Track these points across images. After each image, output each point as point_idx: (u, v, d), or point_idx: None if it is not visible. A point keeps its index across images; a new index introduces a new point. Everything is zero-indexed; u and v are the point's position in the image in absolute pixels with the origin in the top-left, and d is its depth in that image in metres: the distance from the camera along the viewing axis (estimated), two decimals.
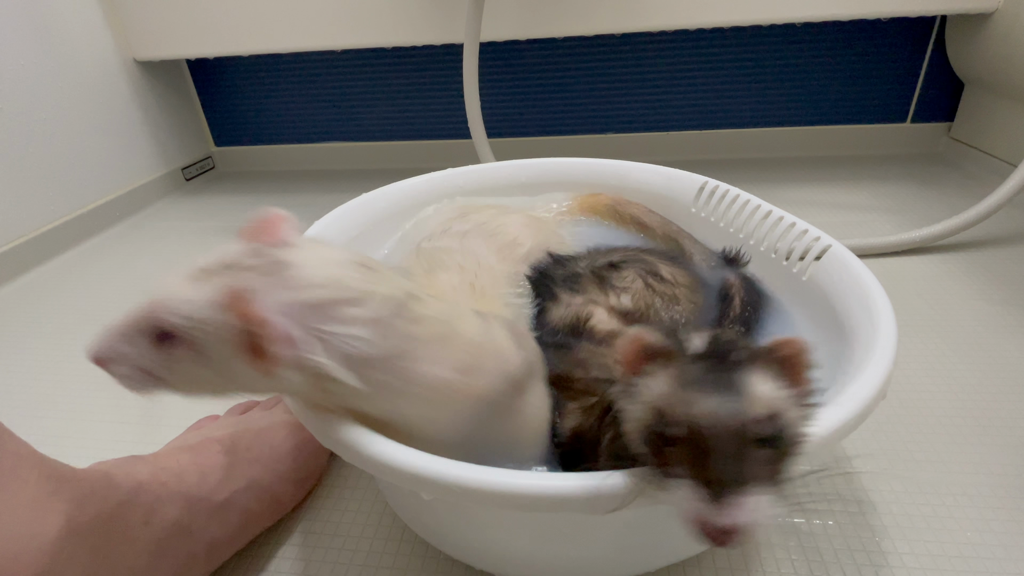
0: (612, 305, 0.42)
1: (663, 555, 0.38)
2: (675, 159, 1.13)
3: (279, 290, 0.25)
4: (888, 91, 1.09)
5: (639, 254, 0.49)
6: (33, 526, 0.28)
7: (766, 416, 0.24)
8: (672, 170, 0.62)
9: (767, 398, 0.24)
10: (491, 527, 0.34)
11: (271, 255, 0.26)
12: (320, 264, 0.27)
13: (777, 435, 0.24)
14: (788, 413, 0.24)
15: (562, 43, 1.11)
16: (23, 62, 0.90)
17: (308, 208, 1.08)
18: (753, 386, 0.24)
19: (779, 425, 0.24)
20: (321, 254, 0.28)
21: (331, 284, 0.26)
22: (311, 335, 0.25)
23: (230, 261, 0.26)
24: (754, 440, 0.23)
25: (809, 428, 0.25)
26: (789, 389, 0.25)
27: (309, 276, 0.26)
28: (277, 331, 0.24)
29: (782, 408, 0.24)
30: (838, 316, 0.40)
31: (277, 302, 0.25)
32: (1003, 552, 0.39)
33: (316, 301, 0.26)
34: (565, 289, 0.45)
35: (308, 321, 0.25)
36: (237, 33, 1.05)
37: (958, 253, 0.76)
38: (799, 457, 0.25)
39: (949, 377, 0.55)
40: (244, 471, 0.40)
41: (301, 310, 0.25)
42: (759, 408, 0.24)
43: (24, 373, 0.66)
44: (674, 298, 0.44)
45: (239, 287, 0.25)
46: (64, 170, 0.97)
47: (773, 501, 0.23)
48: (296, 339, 0.25)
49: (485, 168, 0.66)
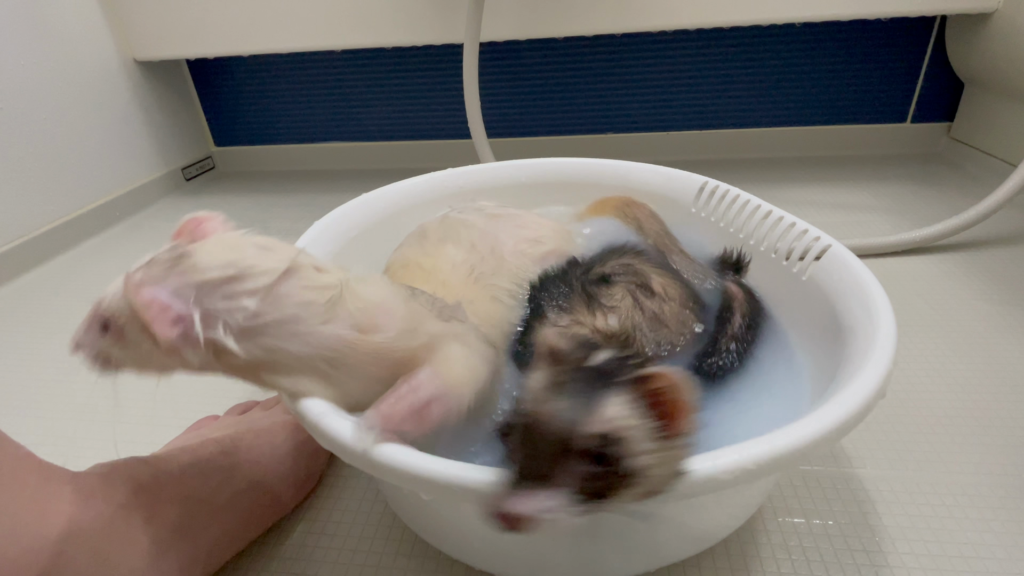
0: (598, 327, 0.42)
1: (663, 555, 0.38)
2: (675, 159, 1.13)
3: (175, 277, 0.29)
4: (888, 91, 1.09)
5: (634, 263, 0.48)
6: (33, 529, 0.28)
7: (596, 434, 0.24)
8: (672, 170, 0.62)
9: (606, 419, 0.24)
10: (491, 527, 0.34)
11: (179, 249, 0.30)
12: (214, 251, 0.31)
13: (604, 455, 0.24)
14: (630, 441, 0.24)
15: (562, 43, 1.11)
16: (23, 62, 0.90)
17: (308, 208, 1.08)
18: (603, 405, 0.25)
19: (610, 447, 0.24)
20: (220, 242, 0.31)
21: (219, 266, 0.30)
22: (204, 313, 0.29)
23: (151, 257, 0.30)
24: (579, 451, 0.24)
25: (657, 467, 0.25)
26: (643, 420, 0.25)
27: (202, 262, 0.30)
28: (158, 313, 0.28)
29: (620, 433, 0.24)
30: (838, 316, 0.40)
31: (172, 287, 0.29)
32: (1003, 552, 0.39)
33: (204, 281, 0.29)
34: (553, 308, 0.45)
35: (201, 301, 0.29)
36: (237, 33, 1.05)
37: (958, 253, 0.76)
38: (635, 488, 0.25)
39: (949, 377, 0.55)
40: (245, 473, 0.40)
41: (193, 291, 0.29)
42: (593, 425, 0.24)
43: (24, 373, 0.66)
44: (660, 316, 0.44)
45: (133, 278, 0.29)
46: (64, 170, 0.97)
47: (569, 507, 0.24)
48: (183, 316, 0.29)
49: (485, 168, 0.66)
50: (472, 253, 0.48)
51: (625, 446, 0.24)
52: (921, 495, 0.44)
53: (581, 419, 0.24)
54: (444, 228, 0.51)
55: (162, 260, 0.30)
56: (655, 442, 0.25)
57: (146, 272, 0.30)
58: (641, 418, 0.25)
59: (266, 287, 0.30)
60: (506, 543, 0.35)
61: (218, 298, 0.29)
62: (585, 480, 0.24)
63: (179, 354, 0.30)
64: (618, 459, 0.24)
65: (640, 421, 0.25)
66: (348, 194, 0.58)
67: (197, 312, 0.29)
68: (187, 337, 0.29)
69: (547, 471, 0.24)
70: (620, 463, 0.24)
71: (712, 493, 0.27)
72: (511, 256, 0.50)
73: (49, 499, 0.29)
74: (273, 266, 0.31)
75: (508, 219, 0.54)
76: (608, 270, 0.47)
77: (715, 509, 0.36)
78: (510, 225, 0.54)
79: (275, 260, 0.31)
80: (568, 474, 0.24)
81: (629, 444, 0.24)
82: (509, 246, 0.51)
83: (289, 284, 0.31)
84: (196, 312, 0.29)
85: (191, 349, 0.29)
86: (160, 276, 0.29)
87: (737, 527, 0.41)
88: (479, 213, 0.54)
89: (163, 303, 0.28)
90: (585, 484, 0.24)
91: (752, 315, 0.46)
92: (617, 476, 0.25)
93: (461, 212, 0.54)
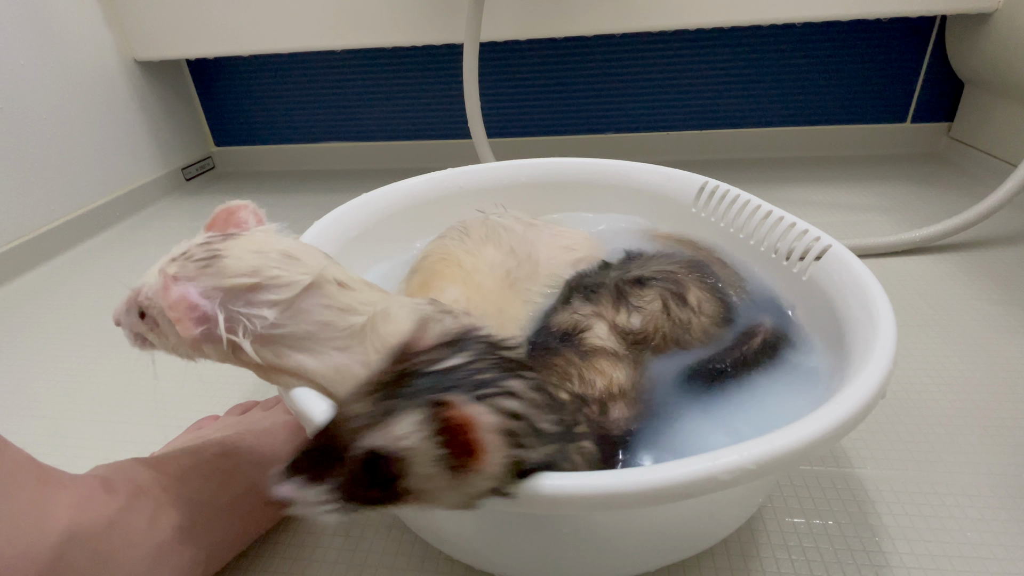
0: (617, 323, 0.42)
1: (663, 555, 0.38)
2: (675, 159, 1.13)
3: (208, 277, 0.31)
4: (888, 91, 1.09)
5: (675, 271, 0.48)
6: (31, 532, 0.28)
7: (374, 448, 0.24)
8: (672, 170, 0.62)
9: (393, 435, 0.24)
10: (491, 527, 0.34)
11: (212, 247, 0.32)
12: (245, 254, 0.32)
13: (378, 469, 0.24)
14: (408, 462, 0.24)
15: (562, 43, 1.11)
16: (23, 62, 0.90)
17: (308, 208, 1.08)
18: (396, 420, 0.25)
19: (386, 462, 0.24)
20: (251, 244, 0.33)
21: (246, 272, 0.31)
22: (227, 316, 0.31)
23: (186, 251, 0.32)
24: (354, 459, 0.24)
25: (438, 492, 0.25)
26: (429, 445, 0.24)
27: (231, 266, 0.31)
28: (185, 312, 0.30)
29: (400, 453, 0.24)
30: (838, 316, 0.40)
31: (204, 287, 0.31)
32: (1003, 552, 0.39)
33: (231, 287, 0.31)
34: (580, 297, 0.45)
35: (227, 303, 0.31)
36: (237, 33, 1.05)
37: (958, 253, 0.76)
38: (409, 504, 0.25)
39: (949, 377, 0.55)
40: (246, 474, 0.40)
41: (220, 294, 0.31)
42: (377, 438, 0.24)
43: (24, 373, 0.66)
44: (687, 327, 0.44)
45: (167, 275, 0.30)
46: (64, 170, 0.97)
47: (329, 507, 0.25)
48: (209, 316, 0.30)
49: (485, 168, 0.66)
50: (510, 257, 0.49)
51: (401, 466, 0.24)
52: (921, 495, 0.44)
53: (370, 429, 0.25)
54: (487, 229, 0.52)
55: (196, 256, 0.31)
56: (437, 468, 0.25)
57: (180, 267, 0.31)
58: (427, 442, 0.24)
59: (287, 300, 0.32)
60: (506, 543, 0.35)
61: (241, 303, 0.31)
62: (354, 487, 0.25)
63: (200, 348, 0.32)
64: (393, 476, 0.24)
65: (425, 445, 0.24)
66: (348, 194, 0.58)
67: (222, 314, 0.31)
68: (210, 335, 0.31)
69: (322, 468, 0.25)
70: (395, 481, 0.25)
71: (712, 493, 0.27)
72: (546, 262, 0.51)
73: (47, 503, 0.29)
74: (296, 279, 0.32)
75: (544, 228, 0.56)
76: (648, 273, 0.47)
77: (715, 509, 0.36)
78: (546, 233, 0.55)
79: (299, 272, 0.32)
80: (339, 476, 0.25)
81: (406, 465, 0.24)
82: (544, 253, 0.52)
83: (310, 300, 0.32)
84: (221, 314, 0.31)
85: (212, 346, 0.31)
86: (192, 274, 0.31)
87: (737, 527, 0.41)
88: (518, 220, 0.55)
89: (191, 302, 0.30)
90: (354, 491, 0.25)
91: (774, 344, 0.45)
92: (387, 491, 0.25)
93: (501, 217, 0.55)
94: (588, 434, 0.31)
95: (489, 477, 0.25)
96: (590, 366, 0.39)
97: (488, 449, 0.24)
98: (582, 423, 0.32)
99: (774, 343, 0.44)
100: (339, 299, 0.33)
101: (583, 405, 0.36)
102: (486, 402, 0.25)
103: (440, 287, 0.46)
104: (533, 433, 0.27)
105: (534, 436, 0.27)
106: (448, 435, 0.24)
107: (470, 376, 0.26)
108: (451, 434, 0.24)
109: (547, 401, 0.28)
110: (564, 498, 0.26)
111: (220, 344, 0.31)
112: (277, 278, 0.31)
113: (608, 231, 0.62)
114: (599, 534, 0.32)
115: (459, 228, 0.54)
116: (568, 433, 0.29)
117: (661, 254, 0.52)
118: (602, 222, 0.64)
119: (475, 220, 0.55)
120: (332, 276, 0.34)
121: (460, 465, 0.25)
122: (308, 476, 0.25)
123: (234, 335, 0.31)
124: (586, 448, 0.31)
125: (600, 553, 0.34)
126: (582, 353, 0.40)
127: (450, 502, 0.26)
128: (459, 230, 0.53)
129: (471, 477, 0.25)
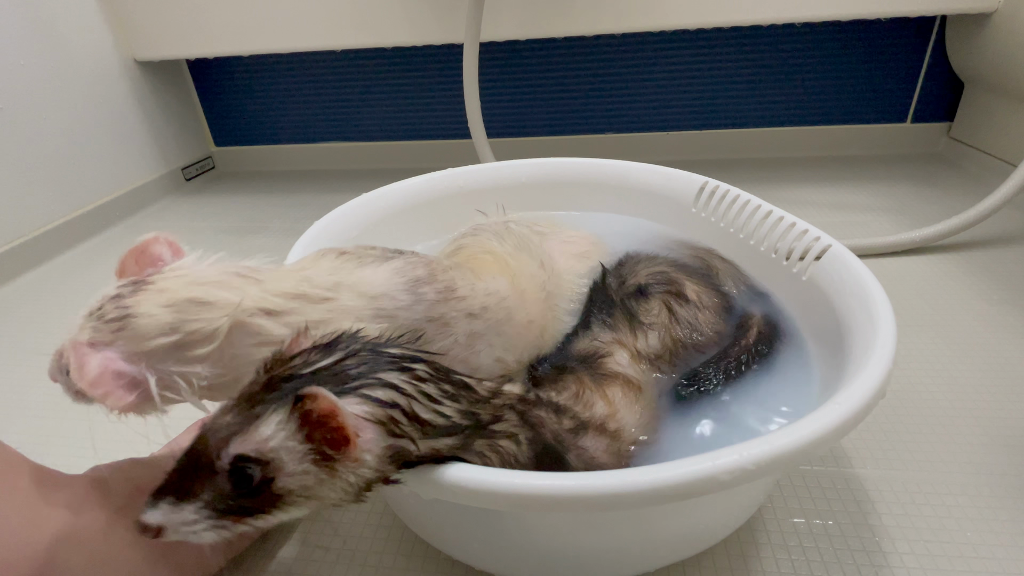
0: (639, 349, 0.42)
1: (662, 554, 0.38)
2: (675, 159, 1.13)
3: (125, 342, 0.29)
4: (888, 91, 1.09)
5: (669, 271, 0.48)
6: (25, 534, 0.28)
7: (240, 454, 0.24)
8: (672, 170, 0.62)
9: (259, 439, 0.24)
10: (491, 527, 0.34)
11: (123, 302, 0.29)
12: (157, 311, 0.29)
13: (249, 475, 0.24)
14: (277, 463, 0.24)
15: (562, 43, 1.11)
16: (23, 62, 0.90)
17: (308, 208, 1.08)
18: (260, 424, 0.24)
19: (256, 467, 0.24)
20: (160, 298, 0.30)
21: (162, 331, 0.29)
22: (161, 375, 0.29)
23: (100, 307, 0.29)
24: (223, 469, 0.24)
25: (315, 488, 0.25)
26: (296, 442, 0.24)
27: (143, 327, 0.29)
28: (111, 383, 0.28)
29: (268, 455, 0.24)
30: (838, 316, 0.40)
31: (126, 353, 0.29)
32: (1003, 552, 0.39)
33: (151, 350, 0.29)
34: (599, 321, 0.45)
35: (154, 364, 0.29)
36: (237, 33, 1.05)
37: (958, 253, 0.76)
38: (290, 508, 0.25)
39: (949, 377, 0.55)
40: None
41: (143, 358, 0.29)
42: (243, 445, 0.24)
43: (25, 373, 0.66)
44: (695, 325, 0.44)
45: (79, 347, 0.28)
46: (64, 170, 0.97)
47: (203, 525, 0.24)
48: (139, 381, 0.28)
49: (485, 168, 0.66)
50: (541, 270, 0.48)
51: (270, 468, 0.24)
52: (921, 495, 0.44)
53: (235, 436, 0.24)
54: (516, 238, 0.50)
55: (108, 316, 0.29)
56: (307, 464, 0.24)
57: (94, 331, 0.29)
58: (293, 439, 0.24)
59: (214, 351, 0.29)
60: (506, 544, 0.35)
61: (171, 363, 0.29)
62: (227, 498, 0.24)
63: (143, 409, 0.30)
64: (266, 481, 0.24)
65: (291, 443, 0.24)
66: (348, 194, 0.58)
67: (152, 377, 0.29)
68: (148, 397, 0.29)
69: (191, 486, 0.24)
70: (269, 484, 0.24)
71: (712, 493, 0.27)
72: (565, 274, 0.51)
73: (42, 504, 0.29)
74: (215, 326, 0.29)
75: (552, 235, 0.55)
76: (643, 280, 0.47)
77: (715, 509, 0.36)
78: (556, 241, 0.54)
79: (216, 318, 0.30)
80: (209, 490, 0.24)
81: (275, 466, 0.24)
82: (561, 264, 0.51)
83: (240, 343, 0.30)
84: (152, 376, 0.29)
85: (150, 406, 0.30)
86: (108, 338, 0.28)
87: (737, 527, 0.41)
88: (532, 230, 0.54)
89: (115, 370, 0.28)
90: (228, 503, 0.24)
91: (767, 335, 0.45)
92: (263, 496, 0.24)
93: (518, 225, 0.54)
94: (513, 435, 0.30)
95: (367, 466, 0.25)
96: (600, 390, 0.39)
97: (357, 436, 0.24)
98: (511, 420, 0.30)
99: (769, 334, 0.45)
100: (269, 332, 0.31)
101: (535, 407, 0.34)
102: (356, 393, 0.25)
103: (488, 276, 0.43)
104: (416, 422, 0.26)
105: (417, 425, 0.26)
106: (313, 428, 0.24)
107: (342, 372, 0.26)
108: (317, 427, 0.24)
109: (444, 393, 0.28)
110: (565, 498, 0.26)
111: (156, 405, 0.29)
112: (197, 331, 0.29)
113: (608, 231, 0.62)
114: (598, 534, 0.32)
115: (488, 230, 0.51)
116: (477, 427, 0.29)
117: (646, 256, 0.52)
118: (602, 222, 0.64)
119: (496, 225, 0.53)
120: (255, 307, 0.31)
121: (331, 457, 0.24)
122: (177, 496, 0.24)
123: (175, 394, 0.29)
124: (503, 447, 0.30)
125: (600, 553, 0.34)
126: (597, 377, 0.40)
127: (332, 497, 0.26)
128: (492, 232, 0.50)
129: (346, 467, 0.24)
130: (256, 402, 0.25)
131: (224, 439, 0.24)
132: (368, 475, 0.25)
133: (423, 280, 0.35)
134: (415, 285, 0.35)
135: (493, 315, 0.39)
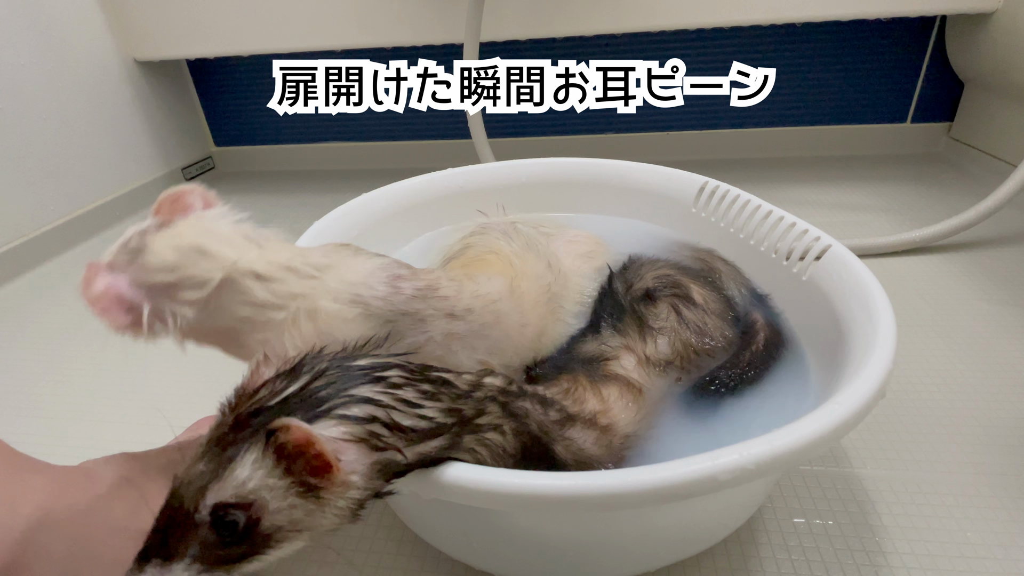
0: (648, 354, 0.42)
1: (663, 554, 0.38)
2: (675, 159, 1.13)
3: (135, 271, 0.31)
4: (888, 91, 1.09)
5: (673, 274, 0.48)
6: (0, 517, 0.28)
7: (221, 503, 0.23)
8: (672, 170, 0.62)
9: (237, 482, 0.23)
10: (491, 527, 0.34)
11: (145, 238, 0.32)
12: (165, 250, 0.32)
13: (235, 522, 0.23)
14: (262, 504, 0.23)
15: (562, 43, 1.11)
16: (23, 62, 0.90)
17: (308, 208, 1.08)
18: (235, 466, 0.23)
19: (242, 512, 0.23)
20: (173, 239, 0.32)
21: (166, 269, 0.31)
22: (153, 308, 0.31)
23: (130, 238, 0.32)
24: (205, 521, 0.23)
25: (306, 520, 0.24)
26: (277, 477, 0.23)
27: (150, 262, 0.31)
28: (112, 302, 0.31)
29: (250, 497, 0.23)
30: (838, 316, 0.40)
31: (132, 280, 0.31)
32: (1003, 552, 0.39)
33: (152, 283, 0.31)
34: (609, 326, 0.45)
35: (153, 296, 0.31)
36: (237, 33, 1.05)
37: (958, 253, 0.76)
38: (284, 545, 0.24)
39: (949, 377, 0.55)
40: None
41: (144, 288, 0.31)
42: (222, 491, 0.23)
43: (25, 373, 0.66)
44: (704, 329, 0.44)
45: (91, 267, 0.31)
46: (64, 170, 0.97)
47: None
48: (135, 307, 0.31)
49: (485, 168, 0.66)
50: (548, 272, 0.48)
51: (255, 510, 0.23)
52: (921, 495, 0.44)
53: (211, 484, 0.23)
54: (524, 238, 0.50)
55: (131, 245, 0.32)
56: (293, 497, 0.24)
57: (115, 256, 0.32)
58: (272, 476, 0.23)
59: (202, 299, 0.32)
60: (506, 543, 0.35)
61: (166, 299, 0.31)
62: (215, 549, 0.23)
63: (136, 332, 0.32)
64: (253, 523, 0.23)
65: (271, 481, 0.23)
66: (348, 194, 0.58)
67: (147, 307, 0.31)
68: (139, 322, 0.31)
69: (175, 544, 0.23)
70: (256, 526, 0.23)
71: (712, 493, 0.27)
72: (572, 274, 0.50)
73: (17, 487, 0.29)
74: (208, 276, 0.32)
75: (557, 235, 0.55)
76: (651, 284, 0.47)
77: (715, 509, 0.36)
78: (562, 241, 0.54)
79: (212, 269, 0.32)
80: (195, 545, 0.23)
81: (259, 507, 0.23)
82: (567, 264, 0.51)
83: (227, 297, 0.32)
84: (146, 307, 0.31)
85: (140, 331, 0.32)
86: (123, 265, 0.32)
87: (737, 527, 0.41)
88: (537, 231, 0.54)
89: (117, 293, 0.31)
90: (217, 554, 0.23)
91: (773, 343, 0.45)
92: (252, 540, 0.24)
93: (525, 225, 0.54)
94: (498, 426, 0.30)
95: (355, 487, 0.24)
96: (594, 388, 0.38)
97: (339, 460, 0.23)
98: (495, 412, 0.30)
99: (775, 340, 0.44)
100: (253, 294, 0.32)
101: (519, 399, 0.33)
102: (330, 414, 0.24)
103: (483, 278, 0.43)
104: (399, 431, 0.26)
105: (400, 434, 0.26)
106: (292, 460, 0.23)
107: (311, 396, 0.25)
108: (295, 459, 0.23)
109: (424, 395, 0.27)
110: (565, 498, 0.26)
111: (144, 335, 0.31)
112: (192, 277, 0.31)
113: (609, 232, 0.62)
114: (598, 534, 0.32)
115: (494, 228, 0.51)
116: (462, 423, 0.28)
117: (648, 259, 0.52)
118: (602, 222, 0.64)
119: (503, 224, 0.52)
120: (248, 269, 0.33)
121: (316, 486, 0.24)
122: (163, 558, 0.23)
123: (163, 324, 0.31)
124: (491, 439, 0.29)
125: (599, 553, 0.34)
126: (597, 377, 0.39)
127: (325, 524, 0.25)
128: (500, 231, 0.50)
129: (334, 492, 0.24)
130: (227, 444, 0.24)
131: (200, 489, 0.23)
132: (358, 495, 0.25)
133: (404, 277, 0.37)
134: (395, 280, 0.36)
135: (478, 318, 0.39)
